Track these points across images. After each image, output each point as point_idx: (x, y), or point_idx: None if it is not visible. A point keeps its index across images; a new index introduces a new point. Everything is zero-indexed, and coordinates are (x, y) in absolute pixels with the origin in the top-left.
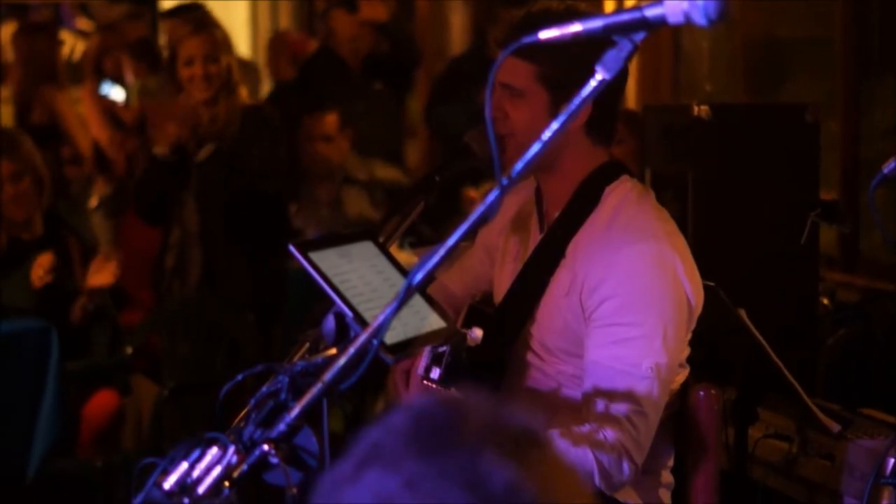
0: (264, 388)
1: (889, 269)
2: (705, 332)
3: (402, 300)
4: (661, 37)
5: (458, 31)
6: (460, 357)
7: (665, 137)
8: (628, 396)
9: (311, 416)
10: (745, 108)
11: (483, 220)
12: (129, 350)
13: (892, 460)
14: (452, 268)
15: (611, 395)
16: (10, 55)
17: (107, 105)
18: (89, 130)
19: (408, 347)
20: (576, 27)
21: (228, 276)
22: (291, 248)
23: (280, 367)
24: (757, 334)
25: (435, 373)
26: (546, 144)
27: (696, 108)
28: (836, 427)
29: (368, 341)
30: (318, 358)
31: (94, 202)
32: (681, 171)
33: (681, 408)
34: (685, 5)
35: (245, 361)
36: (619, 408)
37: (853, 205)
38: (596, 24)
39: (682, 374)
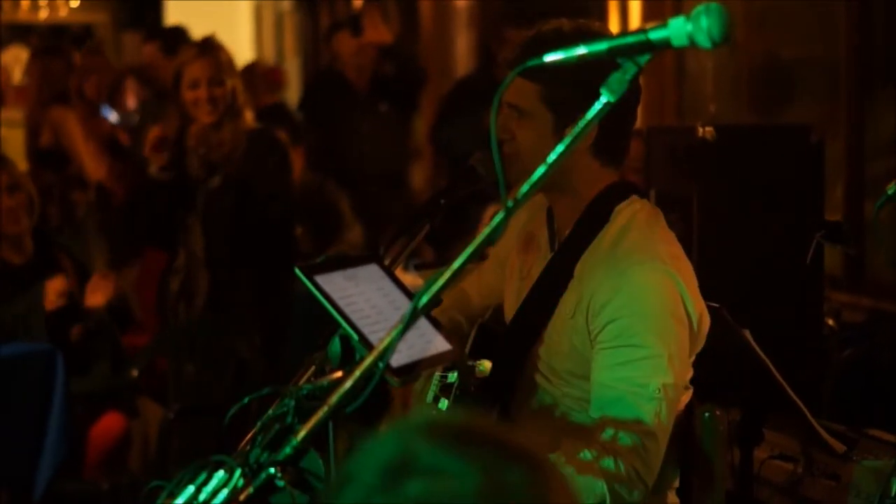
0: (270, 411)
1: (894, 290)
2: (709, 352)
3: (408, 323)
4: (664, 58)
5: (463, 52)
6: (468, 388)
7: (670, 158)
8: (637, 418)
9: (317, 439)
10: (749, 129)
11: (489, 242)
12: (135, 373)
13: None
14: (472, 275)
15: (619, 417)
16: (15, 78)
17: (107, 130)
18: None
19: (413, 370)
20: (581, 50)
21: (234, 299)
22: (297, 270)
23: (286, 389)
24: (762, 355)
25: (443, 406)
26: (551, 167)
27: (700, 130)
28: (841, 448)
29: (374, 364)
30: (324, 381)
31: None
32: (686, 191)
33: (686, 429)
34: (689, 28)
35: (251, 384)
36: (628, 430)
37: (858, 224)
38: (600, 47)
39: (686, 396)
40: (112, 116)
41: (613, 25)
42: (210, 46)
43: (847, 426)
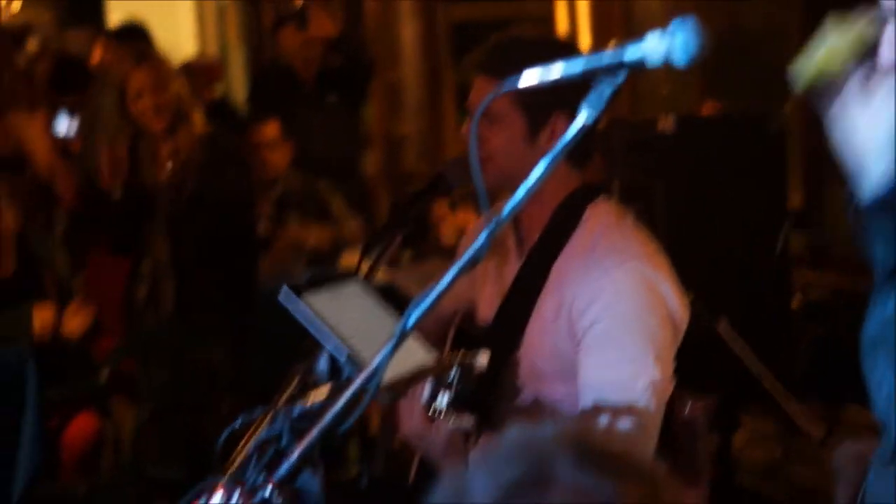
0: (263, 433)
1: (857, 266)
2: (684, 341)
3: (397, 344)
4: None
5: (409, 41)
6: (469, 386)
7: (631, 151)
8: (627, 416)
9: (309, 458)
10: (708, 120)
11: (475, 261)
12: (105, 375)
13: None
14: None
15: (606, 415)
16: None
17: (57, 140)
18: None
19: (399, 387)
20: (556, 71)
21: (201, 304)
22: (284, 289)
23: (278, 410)
24: (739, 346)
25: (442, 402)
26: (532, 187)
27: (660, 122)
28: (820, 432)
29: (365, 384)
30: (316, 402)
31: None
32: (648, 182)
33: (667, 421)
34: (663, 47)
35: (222, 386)
36: (620, 427)
37: (818, 201)
38: (576, 67)
39: (671, 387)
40: (63, 125)
41: (561, 23)
42: (146, 54)
43: (823, 404)
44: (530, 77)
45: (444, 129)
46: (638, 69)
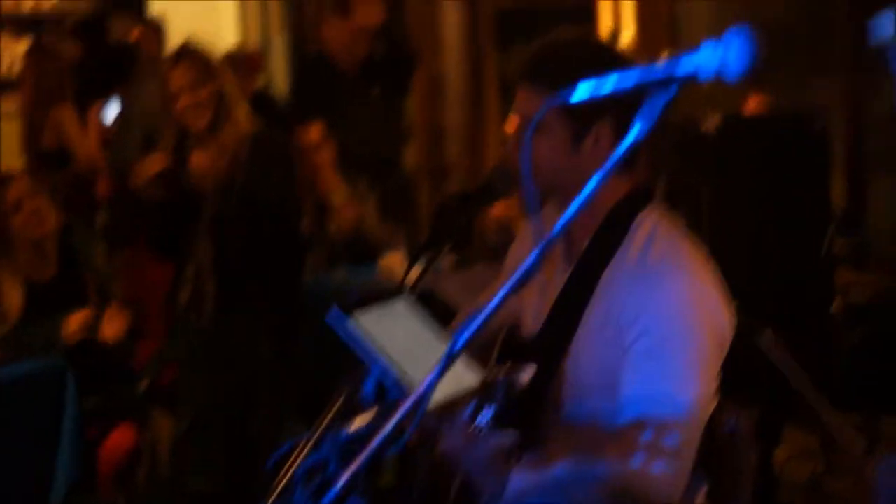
0: (310, 459)
1: None
2: (728, 351)
3: (445, 367)
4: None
5: (451, 29)
6: (512, 401)
7: (676, 152)
8: (667, 430)
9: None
10: (752, 120)
11: (525, 280)
12: (145, 384)
13: None
14: (484, 295)
15: (650, 430)
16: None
17: (102, 129)
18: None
19: (444, 411)
20: (608, 85)
21: (244, 306)
22: (333, 310)
23: (323, 434)
24: (781, 358)
25: (485, 418)
26: (586, 200)
27: (704, 122)
28: (861, 446)
29: (413, 409)
30: (362, 426)
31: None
32: (693, 183)
33: (709, 433)
34: (716, 60)
35: (262, 390)
36: (659, 442)
37: (860, 201)
38: (628, 81)
39: (714, 403)
40: (112, 114)
41: (605, 15)
42: (185, 51)
43: (863, 415)
44: (582, 91)
45: (486, 120)
46: (690, 83)
